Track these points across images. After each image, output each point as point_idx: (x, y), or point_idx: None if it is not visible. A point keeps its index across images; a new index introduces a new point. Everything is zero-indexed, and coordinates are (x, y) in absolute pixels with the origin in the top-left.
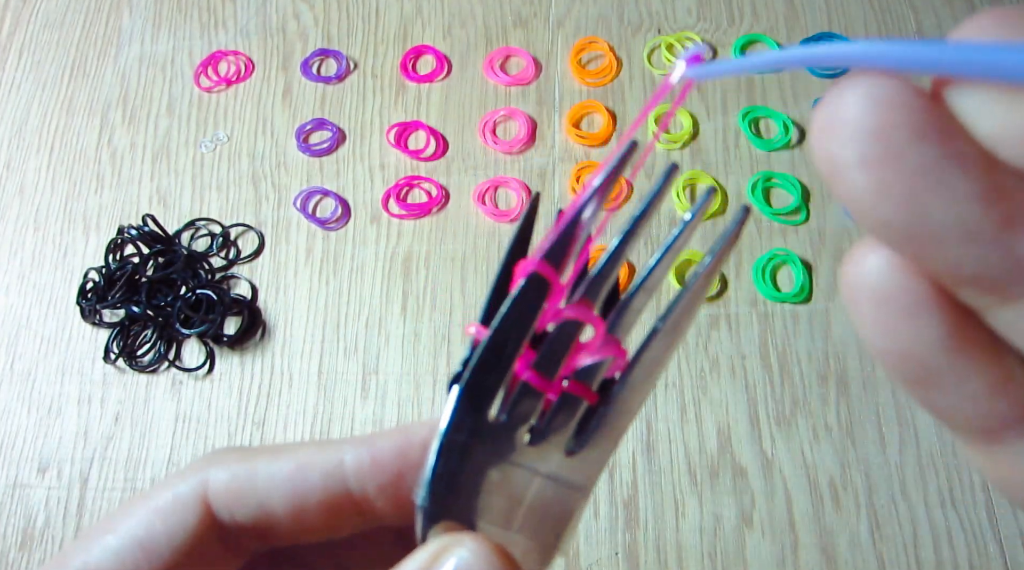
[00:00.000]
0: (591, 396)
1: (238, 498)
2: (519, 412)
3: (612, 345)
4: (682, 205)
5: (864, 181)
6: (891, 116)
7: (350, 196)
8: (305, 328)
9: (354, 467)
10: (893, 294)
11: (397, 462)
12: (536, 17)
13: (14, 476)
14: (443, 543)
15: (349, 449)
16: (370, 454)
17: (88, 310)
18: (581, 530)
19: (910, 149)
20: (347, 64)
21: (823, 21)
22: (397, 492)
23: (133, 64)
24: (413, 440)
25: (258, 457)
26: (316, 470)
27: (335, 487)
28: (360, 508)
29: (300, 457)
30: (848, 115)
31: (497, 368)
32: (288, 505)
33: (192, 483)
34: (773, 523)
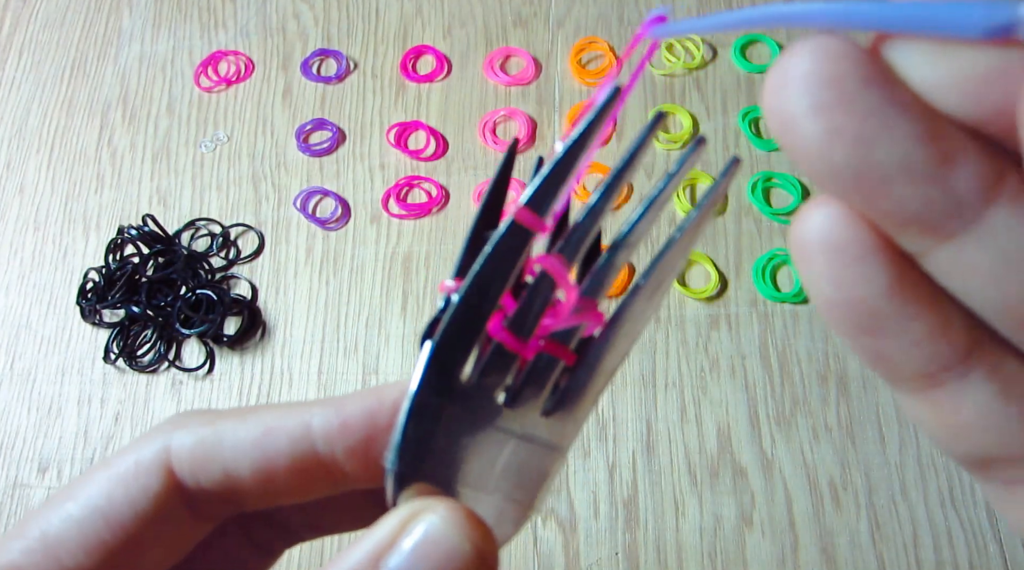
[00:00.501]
0: (568, 357)
1: (202, 463)
2: (493, 373)
3: (588, 307)
4: (682, 205)
5: (816, 128)
6: (840, 66)
7: (350, 196)
8: (305, 328)
9: (322, 430)
10: (840, 245)
11: (366, 425)
12: (536, 17)
13: (14, 476)
14: (413, 508)
15: (317, 412)
16: (339, 417)
17: (88, 310)
18: (581, 530)
19: (858, 95)
20: (347, 64)
21: None
22: (367, 455)
23: (133, 64)
24: (383, 402)
25: (223, 420)
26: (283, 434)
27: (303, 451)
28: (329, 471)
29: (267, 420)
30: (800, 69)
31: (470, 327)
32: (254, 470)
33: (155, 448)
34: (773, 523)
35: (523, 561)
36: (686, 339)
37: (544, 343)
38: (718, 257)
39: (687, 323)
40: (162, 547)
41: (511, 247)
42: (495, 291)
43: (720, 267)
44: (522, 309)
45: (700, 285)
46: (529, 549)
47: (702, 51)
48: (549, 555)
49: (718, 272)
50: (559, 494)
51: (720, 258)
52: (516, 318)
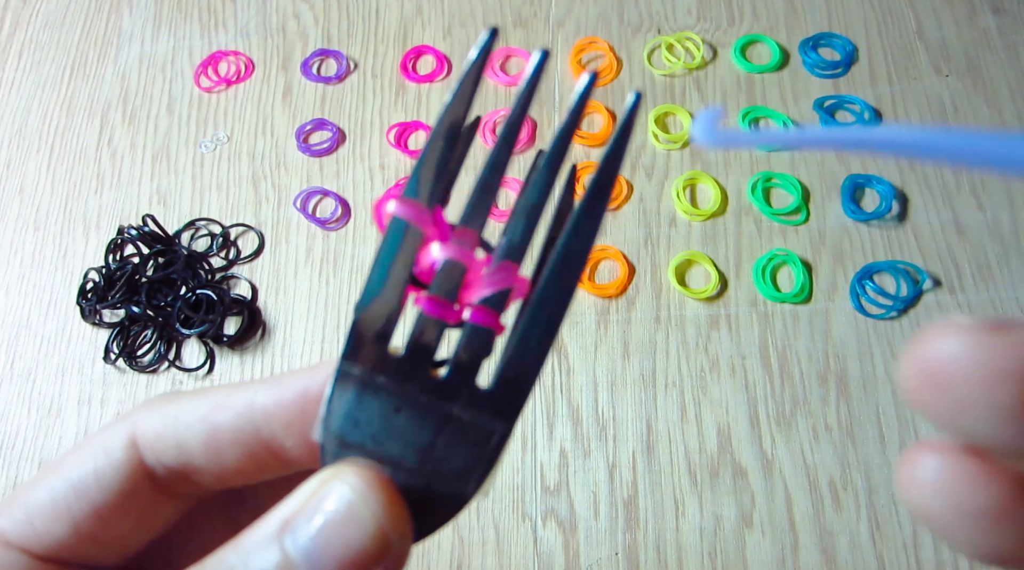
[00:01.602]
0: (496, 325)
1: (161, 442)
2: (422, 344)
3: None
4: (682, 205)
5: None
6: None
7: (350, 196)
8: (305, 328)
9: (262, 407)
10: (971, 506)
11: (300, 400)
12: (536, 17)
13: (14, 476)
14: (323, 478)
15: (261, 389)
16: (276, 393)
17: (88, 310)
18: (581, 530)
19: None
20: (347, 64)
21: (823, 21)
22: (304, 433)
23: (133, 64)
24: (317, 376)
25: (183, 399)
26: (228, 411)
27: (245, 427)
28: (272, 450)
29: (215, 399)
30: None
31: (389, 295)
32: (202, 446)
33: (123, 427)
34: (773, 523)
35: (523, 561)
36: (686, 339)
37: (471, 312)
38: (718, 257)
39: (687, 323)
40: (130, 521)
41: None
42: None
43: (720, 267)
44: (441, 276)
45: (700, 285)
46: (529, 549)
47: (702, 51)
48: (549, 555)
49: (718, 272)
50: (559, 494)
51: (720, 258)
52: (436, 285)
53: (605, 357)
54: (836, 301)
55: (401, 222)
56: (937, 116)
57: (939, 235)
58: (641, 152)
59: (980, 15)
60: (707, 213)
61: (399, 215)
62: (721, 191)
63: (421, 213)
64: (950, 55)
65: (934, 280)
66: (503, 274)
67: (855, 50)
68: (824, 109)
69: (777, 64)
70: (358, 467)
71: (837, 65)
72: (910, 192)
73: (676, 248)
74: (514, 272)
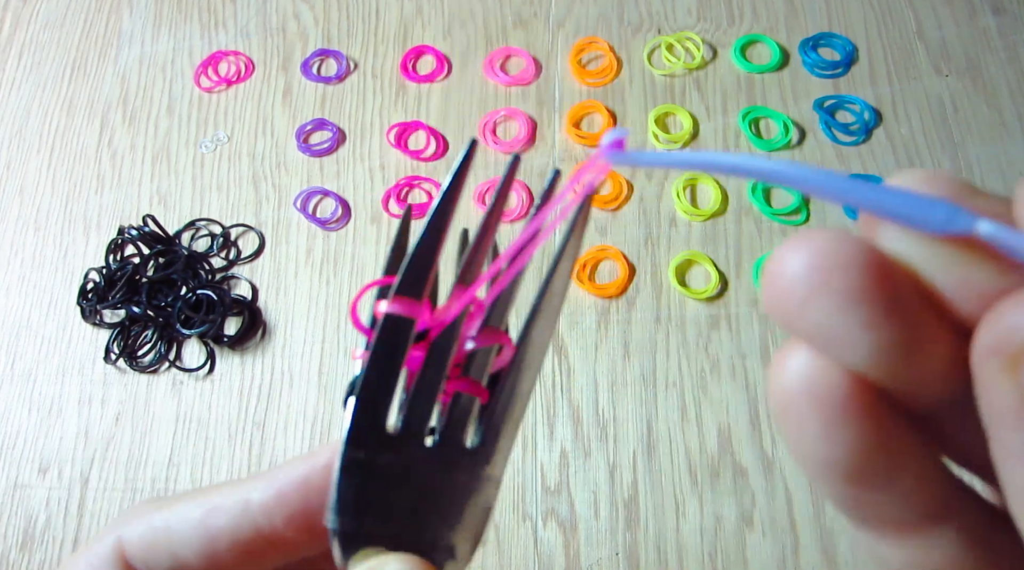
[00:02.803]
0: (481, 393)
1: (152, 552)
2: (415, 419)
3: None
4: (682, 205)
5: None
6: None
7: (350, 196)
8: (305, 328)
9: (260, 505)
10: (827, 399)
11: (301, 492)
12: (536, 17)
13: (14, 476)
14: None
15: (255, 487)
16: (274, 488)
17: (88, 310)
18: (581, 530)
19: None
20: (347, 64)
21: (823, 21)
22: (308, 521)
23: (133, 64)
24: (316, 466)
25: (171, 506)
26: (223, 514)
27: (244, 528)
28: (273, 543)
29: (208, 503)
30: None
31: (385, 382)
32: (199, 553)
33: (107, 544)
34: (773, 523)
35: (523, 561)
36: (686, 339)
37: (456, 385)
38: (718, 257)
39: (687, 323)
40: None
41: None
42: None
43: (720, 267)
44: (432, 356)
45: (700, 285)
46: (529, 549)
47: (702, 51)
48: (549, 555)
49: (718, 272)
50: (559, 494)
51: (720, 258)
52: (428, 364)
53: (605, 357)
54: None
55: (396, 319)
56: (937, 116)
57: None
58: None
59: (980, 15)
60: (707, 213)
61: (394, 313)
62: (721, 191)
63: (414, 309)
64: (950, 55)
65: None
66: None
67: (855, 50)
68: (824, 109)
69: (777, 64)
70: (401, 555)
71: (837, 65)
72: None
73: (676, 248)
74: (499, 333)
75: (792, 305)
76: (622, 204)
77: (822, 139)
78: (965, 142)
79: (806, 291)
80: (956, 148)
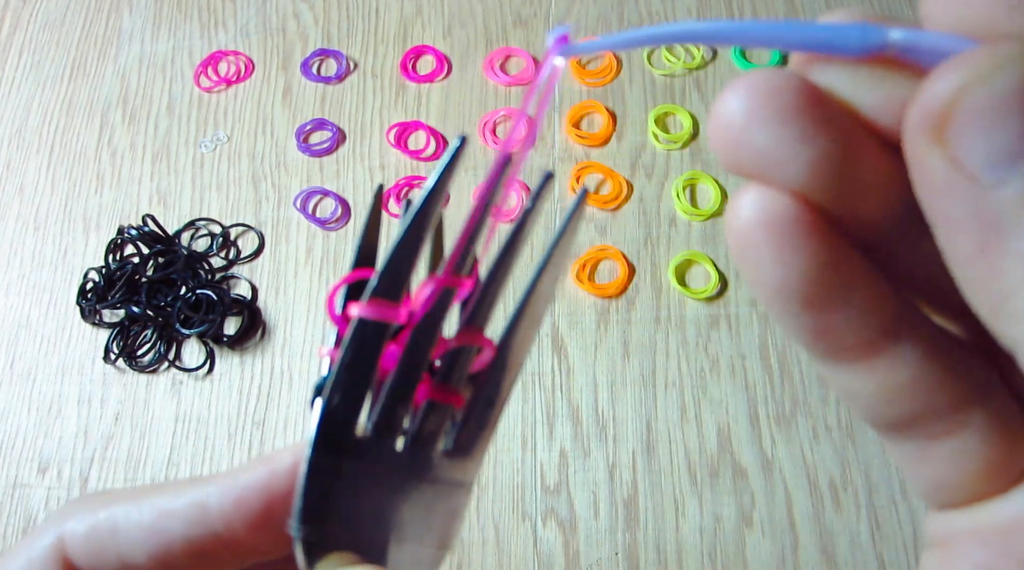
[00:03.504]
0: (456, 400)
1: (98, 553)
2: (387, 423)
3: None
4: (682, 205)
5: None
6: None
7: (350, 196)
8: (305, 328)
9: (218, 509)
10: (780, 223)
11: (263, 497)
12: (536, 17)
13: (14, 476)
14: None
15: (213, 491)
16: (234, 493)
17: (88, 310)
18: (581, 530)
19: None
20: (347, 64)
21: None
22: (269, 526)
23: (133, 64)
24: (278, 470)
25: (117, 505)
26: (178, 518)
27: (200, 533)
28: (231, 548)
29: (160, 504)
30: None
31: (357, 383)
32: (151, 556)
33: (48, 539)
34: (773, 523)
35: (523, 561)
36: (686, 339)
37: (433, 390)
38: (718, 257)
39: (687, 323)
40: None
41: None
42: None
43: (720, 267)
44: (407, 358)
45: (700, 285)
46: (529, 549)
47: (702, 51)
48: (549, 555)
49: (718, 272)
50: (559, 494)
51: (720, 258)
52: (403, 366)
53: (605, 357)
54: None
55: (369, 323)
56: None
57: None
58: (641, 152)
59: None
60: (707, 213)
61: (367, 317)
62: (721, 191)
63: (389, 312)
64: None
65: None
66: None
67: None
68: None
69: (777, 64)
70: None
71: None
72: None
73: (676, 248)
74: (479, 335)
75: (734, 134)
76: (622, 204)
77: None
78: None
79: (745, 118)
80: None
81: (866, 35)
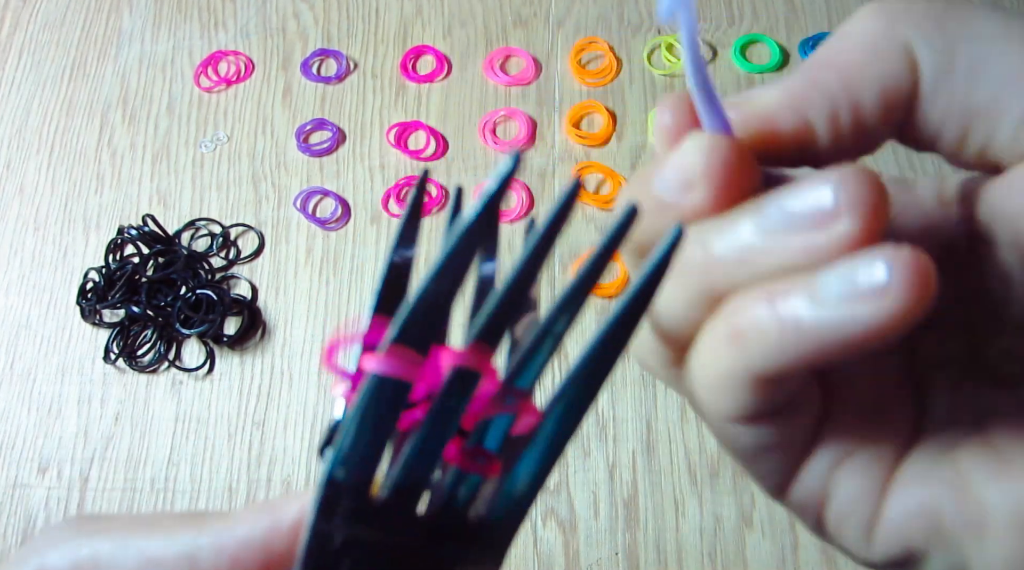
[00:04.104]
0: (493, 470)
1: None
2: (408, 489)
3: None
4: None
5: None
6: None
7: (350, 196)
8: (305, 328)
9: (210, 564)
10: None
11: (260, 558)
12: (536, 17)
13: (14, 476)
14: None
15: (205, 540)
16: (229, 549)
17: (88, 310)
18: (581, 530)
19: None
20: (347, 64)
21: (823, 21)
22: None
23: (133, 64)
24: (280, 526)
25: (104, 541)
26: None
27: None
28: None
29: (148, 551)
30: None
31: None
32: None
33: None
34: (773, 523)
35: (523, 561)
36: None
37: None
38: None
39: None
40: None
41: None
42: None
43: None
44: (435, 413)
45: None
46: (529, 549)
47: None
48: (549, 555)
49: None
50: (559, 494)
51: None
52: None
53: None
54: None
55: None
56: None
57: None
58: (641, 152)
59: None
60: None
61: (386, 373)
62: None
63: (412, 366)
64: None
65: None
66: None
67: None
68: None
69: (777, 64)
70: None
71: None
72: None
73: None
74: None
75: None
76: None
77: None
78: None
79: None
80: None
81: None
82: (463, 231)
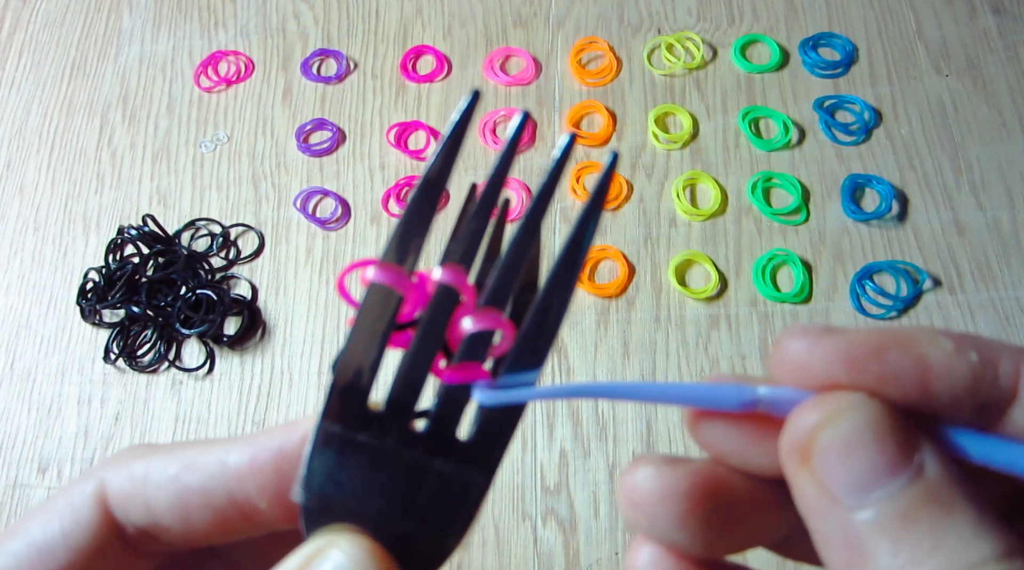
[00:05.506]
0: (481, 374)
1: (130, 499)
2: (402, 398)
3: (492, 317)
4: (682, 205)
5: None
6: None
7: (350, 196)
8: (305, 328)
9: (235, 468)
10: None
11: (276, 461)
12: (536, 17)
13: (14, 476)
14: (317, 545)
15: (234, 449)
16: (250, 452)
17: (88, 310)
18: (581, 530)
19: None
20: (347, 64)
21: (823, 21)
22: (279, 493)
23: (133, 64)
24: (292, 436)
25: (155, 455)
26: (199, 471)
27: (217, 489)
28: (244, 511)
29: (188, 458)
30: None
31: (369, 353)
32: (171, 507)
33: (91, 484)
34: None
35: (523, 561)
36: (686, 339)
37: (451, 372)
38: (718, 257)
39: (687, 323)
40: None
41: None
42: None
43: (720, 267)
44: (424, 332)
45: (700, 285)
46: (529, 549)
47: (702, 51)
48: (549, 555)
49: (718, 272)
50: (559, 494)
51: (720, 258)
52: (420, 342)
53: (605, 357)
54: (836, 301)
55: (381, 288)
56: (937, 116)
57: (939, 235)
58: (641, 152)
59: (980, 15)
60: (707, 213)
61: (379, 281)
62: (721, 191)
63: (401, 278)
64: (950, 55)
65: (934, 280)
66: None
67: (855, 50)
68: (824, 109)
69: (777, 64)
70: (353, 534)
71: (837, 65)
72: (910, 192)
73: (676, 248)
74: (498, 316)
75: (639, 509)
76: (622, 204)
77: (822, 139)
78: (965, 142)
79: (651, 503)
80: (956, 148)
81: (741, 392)
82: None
